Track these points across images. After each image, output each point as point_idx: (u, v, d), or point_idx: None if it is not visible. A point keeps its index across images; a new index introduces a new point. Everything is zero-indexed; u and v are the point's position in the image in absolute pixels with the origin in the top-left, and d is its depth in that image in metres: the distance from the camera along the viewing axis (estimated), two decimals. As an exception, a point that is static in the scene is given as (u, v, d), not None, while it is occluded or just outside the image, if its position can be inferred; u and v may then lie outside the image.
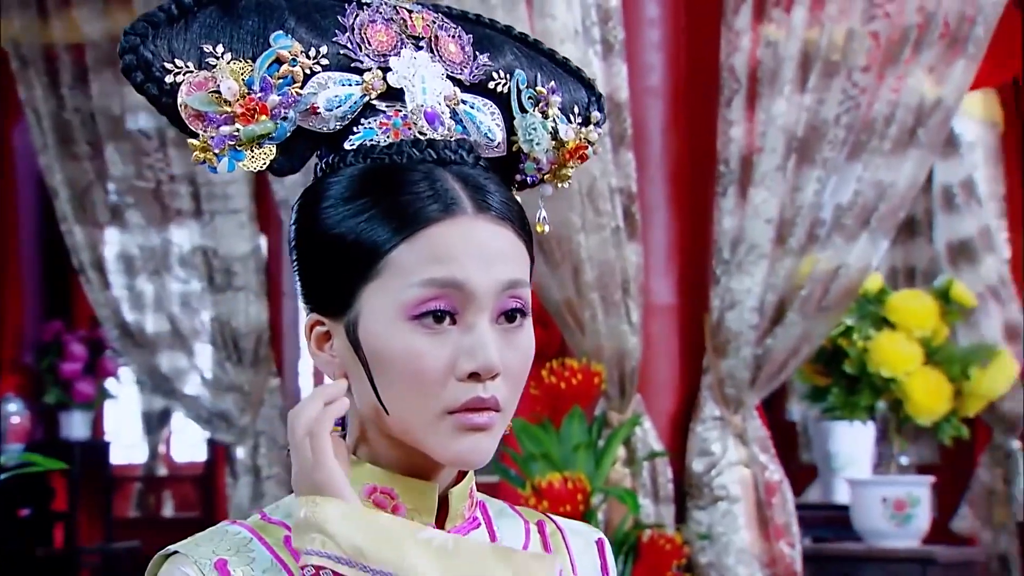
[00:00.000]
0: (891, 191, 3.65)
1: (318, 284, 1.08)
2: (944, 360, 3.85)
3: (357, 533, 0.98)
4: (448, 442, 1.04)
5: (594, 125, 1.18)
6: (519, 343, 1.06)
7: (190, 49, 1.05)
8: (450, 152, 1.07)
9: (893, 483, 3.97)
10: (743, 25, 3.70)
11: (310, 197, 1.09)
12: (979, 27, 3.68)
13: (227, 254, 4.72)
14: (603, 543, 1.19)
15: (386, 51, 1.09)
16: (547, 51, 1.20)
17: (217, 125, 1.04)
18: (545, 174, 1.16)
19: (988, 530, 5.46)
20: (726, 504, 3.64)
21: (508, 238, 1.05)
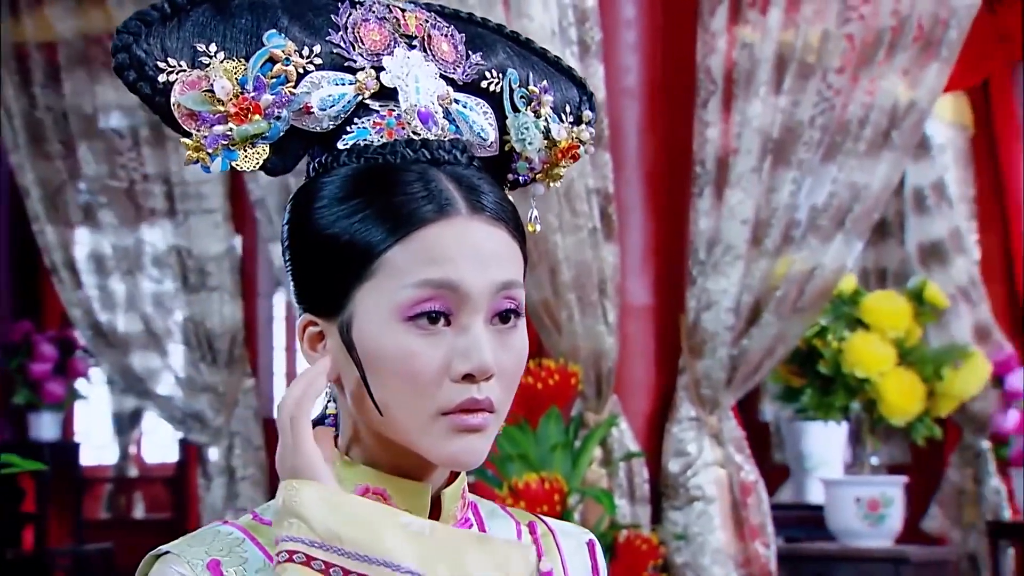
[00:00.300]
0: (865, 193, 3.68)
1: (311, 284, 1.07)
2: (917, 361, 3.88)
3: (332, 516, 0.98)
4: (442, 443, 1.03)
5: (586, 124, 1.17)
6: (513, 344, 1.05)
7: (183, 48, 1.04)
8: (444, 152, 1.07)
9: (867, 483, 3.99)
10: (719, 27, 3.71)
11: (303, 197, 1.08)
12: (952, 30, 3.71)
13: (201, 254, 4.70)
14: (594, 544, 1.18)
15: (379, 50, 1.08)
16: (539, 50, 1.19)
17: (210, 124, 1.03)
18: (537, 173, 1.16)
19: (958, 530, 5.51)
20: (702, 504, 3.65)
21: (502, 239, 1.05)
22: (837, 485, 4.12)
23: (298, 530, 0.97)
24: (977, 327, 5.33)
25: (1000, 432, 5.36)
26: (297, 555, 0.97)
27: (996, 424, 5.34)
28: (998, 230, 5.75)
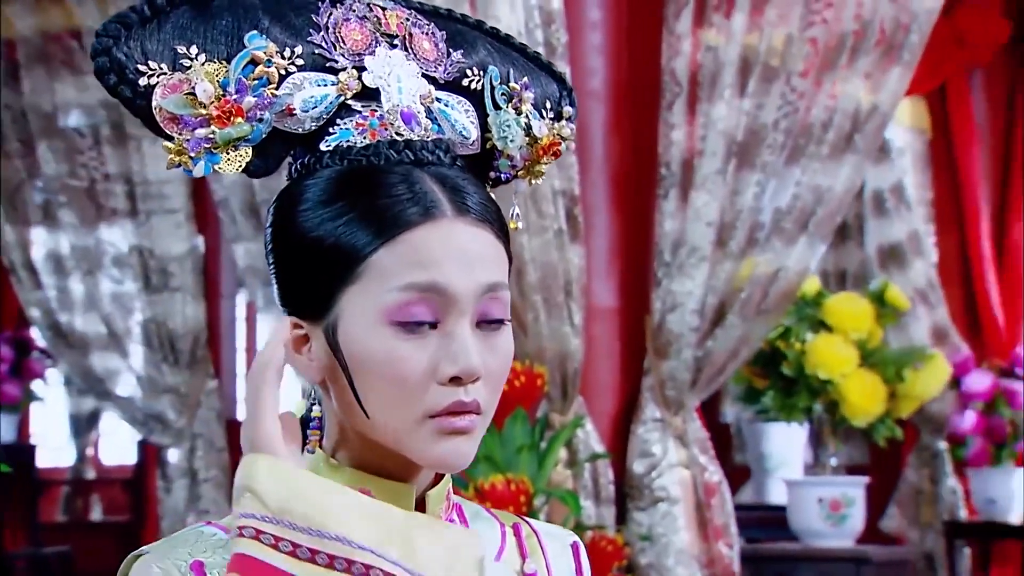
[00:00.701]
0: (828, 195, 3.71)
1: (296, 287, 1.07)
2: (879, 362, 3.92)
3: (284, 491, 0.96)
4: (429, 446, 1.03)
5: (566, 120, 1.17)
6: (499, 346, 1.05)
7: (163, 50, 1.03)
8: (427, 153, 1.07)
9: (829, 484, 4.03)
10: (684, 29, 3.73)
11: (286, 200, 1.07)
12: (914, 35, 3.75)
13: (163, 254, 4.66)
14: (578, 546, 1.19)
15: (361, 50, 1.07)
16: (518, 46, 1.19)
17: (192, 128, 1.02)
18: (519, 171, 1.15)
19: (915, 529, 5.56)
20: (666, 505, 3.66)
21: (487, 240, 1.05)
22: (799, 486, 4.15)
23: (251, 504, 0.96)
24: (935, 329, 5.39)
25: (957, 433, 5.41)
26: (247, 529, 0.96)
27: (953, 425, 5.39)
28: (955, 233, 5.81)
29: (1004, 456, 5.43)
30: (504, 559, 1.13)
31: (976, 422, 5.38)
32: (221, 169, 1.04)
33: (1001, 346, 5.69)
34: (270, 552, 0.95)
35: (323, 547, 0.95)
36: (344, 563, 0.94)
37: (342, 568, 0.94)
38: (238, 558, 0.95)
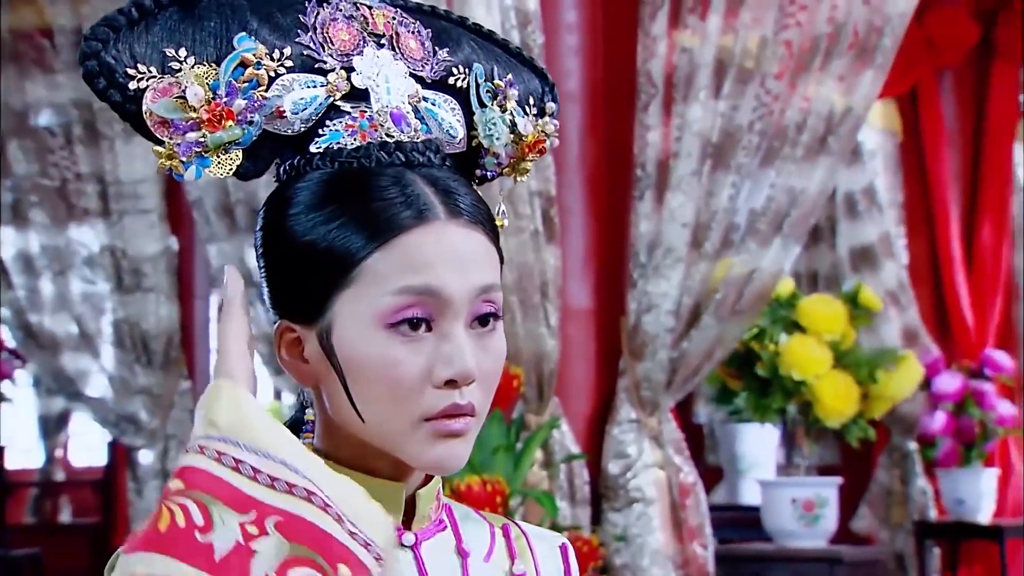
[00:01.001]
0: (803, 197, 3.73)
1: (288, 291, 1.06)
2: (852, 363, 3.94)
3: (235, 413, 0.96)
4: (424, 449, 1.03)
5: (549, 116, 1.17)
6: (492, 347, 1.05)
7: (152, 53, 1.02)
8: (418, 154, 1.06)
9: (802, 484, 4.05)
10: (659, 31, 3.75)
11: (277, 203, 1.07)
12: (887, 38, 3.77)
13: (136, 254, 4.63)
14: (567, 548, 1.19)
15: (349, 50, 1.07)
16: (501, 42, 1.19)
17: (183, 132, 1.01)
18: (504, 168, 1.16)
19: (886, 530, 5.60)
20: (641, 506, 3.67)
21: (480, 242, 1.05)
22: (773, 486, 4.17)
23: (205, 429, 0.96)
24: (905, 330, 5.42)
25: (927, 434, 5.45)
26: (193, 446, 0.95)
27: (923, 426, 5.43)
28: (925, 235, 5.85)
29: (973, 456, 5.47)
30: (493, 560, 1.13)
31: (946, 423, 5.42)
32: (212, 173, 1.03)
33: (970, 347, 5.73)
34: (213, 464, 0.94)
35: (266, 468, 0.94)
36: (286, 485, 0.94)
37: (283, 489, 0.94)
38: (181, 469, 0.94)
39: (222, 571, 0.90)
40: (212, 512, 0.92)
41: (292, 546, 0.91)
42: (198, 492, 0.92)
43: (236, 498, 0.92)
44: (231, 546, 0.91)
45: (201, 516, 0.91)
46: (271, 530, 0.92)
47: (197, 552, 0.90)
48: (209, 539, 0.91)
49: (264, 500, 0.93)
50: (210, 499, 0.92)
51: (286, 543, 0.91)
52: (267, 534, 0.91)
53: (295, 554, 0.91)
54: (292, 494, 0.94)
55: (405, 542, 1.08)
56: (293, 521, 0.92)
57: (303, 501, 0.93)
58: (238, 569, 0.90)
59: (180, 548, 0.91)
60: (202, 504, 0.92)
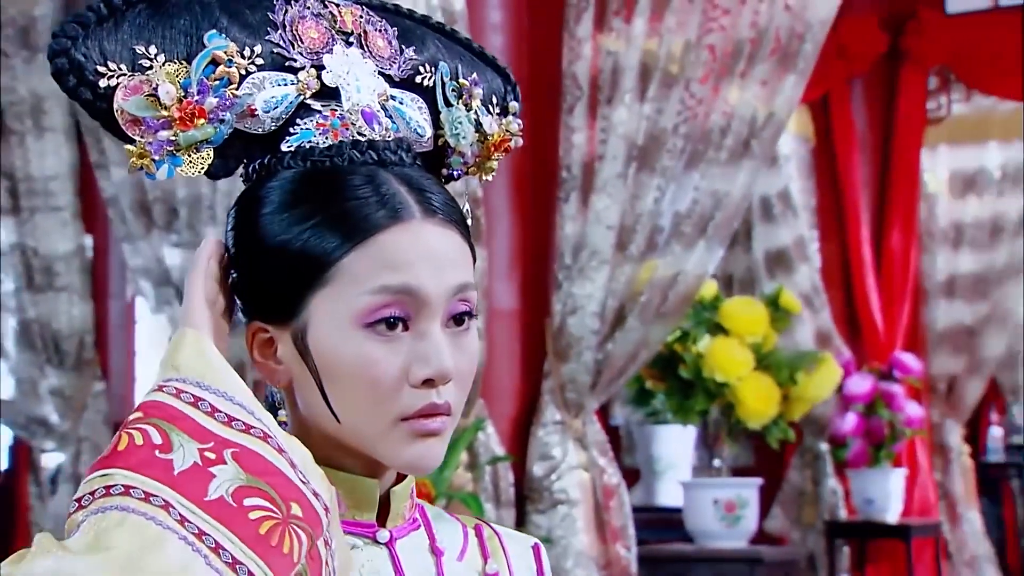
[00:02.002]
0: (727, 200, 3.76)
1: (261, 291, 1.05)
2: (773, 365, 3.99)
3: (198, 358, 0.98)
4: (401, 448, 1.03)
5: (512, 115, 1.18)
6: (467, 346, 1.05)
7: (122, 51, 1.01)
8: (390, 153, 1.06)
9: (724, 485, 4.08)
10: (584, 34, 3.75)
11: (247, 203, 1.06)
12: (808, 44, 3.82)
13: (48, 253, 4.53)
14: (539, 549, 1.19)
15: (318, 48, 1.07)
16: (464, 41, 1.19)
17: (155, 130, 1.01)
18: (470, 167, 1.16)
19: (797, 529, 5.68)
20: (565, 508, 3.67)
21: (455, 241, 1.05)
22: (695, 487, 4.21)
23: (166, 372, 0.98)
24: (818, 333, 5.50)
25: (838, 435, 5.54)
26: (152, 388, 0.97)
27: (835, 427, 5.52)
28: (837, 239, 5.95)
29: (882, 457, 5.57)
30: (466, 559, 1.13)
31: (856, 424, 5.51)
32: (183, 172, 1.03)
33: (880, 350, 5.84)
34: (171, 398, 0.95)
35: (224, 407, 0.96)
36: (243, 425, 0.95)
37: (240, 428, 0.95)
38: (140, 404, 0.96)
39: (180, 485, 0.91)
40: (171, 436, 0.93)
41: (248, 476, 0.92)
42: (157, 419, 0.94)
43: (194, 429, 0.94)
44: (190, 465, 0.92)
45: (160, 437, 0.93)
46: (228, 459, 0.93)
47: (156, 466, 0.91)
48: (168, 456, 0.92)
49: (221, 434, 0.94)
50: (169, 426, 0.93)
51: (243, 472, 0.92)
52: (225, 463, 0.92)
53: (251, 484, 0.92)
54: (249, 434, 0.95)
55: (380, 539, 1.07)
56: (249, 455, 0.94)
57: (259, 440, 0.95)
58: (196, 485, 0.91)
59: (138, 463, 0.91)
60: (161, 429, 0.93)
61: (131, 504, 0.90)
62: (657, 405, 4.61)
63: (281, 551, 0.91)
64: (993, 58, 6.17)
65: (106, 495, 0.90)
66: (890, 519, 5.56)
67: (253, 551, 0.90)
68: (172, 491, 0.90)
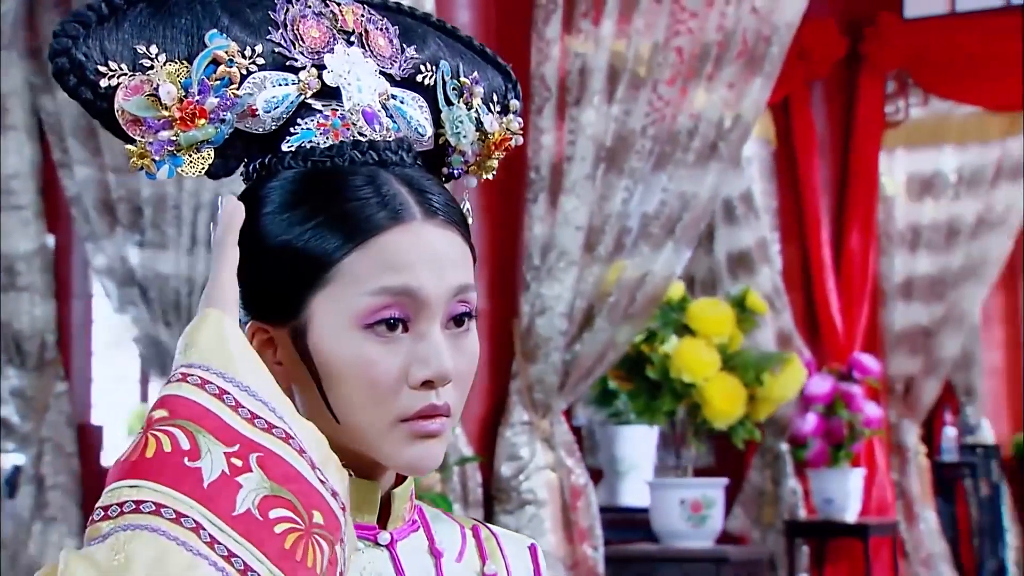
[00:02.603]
0: (694, 202, 3.78)
1: (261, 292, 1.04)
2: (739, 366, 4.01)
3: (219, 347, 0.95)
4: (400, 450, 1.03)
5: (513, 114, 1.18)
6: (467, 348, 1.05)
7: (123, 50, 1.01)
8: (391, 153, 1.06)
9: (690, 486, 4.11)
10: (553, 35, 3.76)
11: (248, 203, 1.05)
12: (774, 46, 3.85)
13: (10, 252, 4.47)
14: (536, 549, 1.19)
15: (320, 48, 1.06)
16: (465, 39, 1.19)
17: (155, 131, 1.00)
18: (470, 166, 1.16)
19: (757, 529, 5.72)
20: (533, 508, 3.68)
21: (456, 242, 1.05)
22: (662, 487, 4.23)
23: (187, 355, 0.95)
24: (780, 334, 5.54)
25: (798, 435, 5.58)
26: (174, 375, 0.95)
27: (795, 427, 5.56)
28: (797, 241, 6.00)
29: (841, 457, 5.62)
30: (465, 560, 1.13)
31: (816, 424, 5.56)
32: (184, 172, 1.02)
33: (839, 351, 5.89)
34: (196, 391, 0.93)
35: (247, 403, 0.94)
36: (265, 423, 0.94)
37: (262, 427, 0.93)
38: (165, 398, 0.93)
39: (209, 498, 0.90)
40: (199, 440, 0.91)
41: (272, 485, 0.91)
42: (184, 420, 0.92)
43: (220, 428, 0.92)
44: (218, 475, 0.90)
45: (188, 442, 0.91)
46: (254, 466, 0.91)
47: (185, 477, 0.90)
48: (197, 465, 0.90)
49: (246, 434, 0.92)
50: (196, 428, 0.91)
51: (267, 480, 0.91)
52: (251, 470, 0.91)
53: (275, 493, 0.91)
54: (271, 434, 0.93)
55: (381, 541, 1.07)
56: (273, 459, 0.92)
57: (281, 442, 0.93)
58: (225, 498, 0.90)
59: (169, 474, 0.90)
60: (189, 432, 0.91)
61: (162, 526, 0.88)
62: (620, 406, 4.62)
63: (305, 565, 0.90)
64: (950, 63, 6.25)
65: (136, 511, 0.89)
66: (849, 519, 5.61)
67: (279, 568, 0.89)
68: (202, 507, 0.89)
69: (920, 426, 6.53)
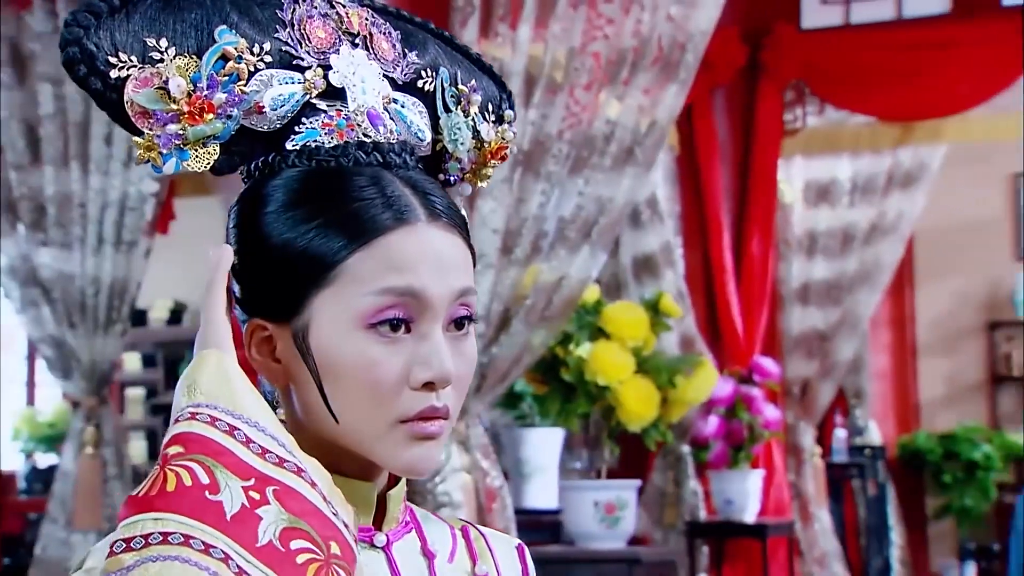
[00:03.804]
0: (610, 206, 3.81)
1: (263, 290, 1.04)
2: (653, 369, 4.06)
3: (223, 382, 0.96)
4: (399, 451, 1.03)
5: (508, 123, 1.19)
6: (466, 351, 1.06)
7: (133, 42, 1.01)
8: (395, 155, 1.06)
9: (604, 487, 4.14)
10: (470, 39, 3.76)
11: (251, 201, 1.05)
12: (689, 54, 3.91)
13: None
14: (523, 549, 1.20)
15: (326, 48, 1.07)
16: (462, 47, 1.21)
17: (163, 123, 1.00)
18: (466, 173, 1.17)
19: (659, 530, 5.78)
20: (448, 510, 3.67)
21: (458, 245, 1.05)
22: (575, 489, 4.25)
23: (192, 396, 0.95)
24: (683, 338, 5.61)
25: (700, 437, 5.65)
26: (182, 415, 0.95)
27: (697, 430, 5.63)
28: (699, 246, 6.08)
29: (741, 459, 5.71)
30: (456, 561, 1.13)
31: (718, 427, 5.64)
32: (189, 166, 1.02)
33: (740, 354, 5.99)
34: (208, 428, 0.94)
35: (257, 438, 0.94)
36: (276, 458, 0.94)
37: (274, 462, 0.94)
38: (177, 435, 0.93)
39: (233, 531, 0.90)
40: (217, 475, 0.92)
41: (290, 517, 0.92)
42: (200, 455, 0.92)
43: (235, 463, 0.92)
44: (239, 508, 0.91)
45: (207, 477, 0.91)
46: (271, 498, 0.92)
47: (208, 509, 0.90)
48: (218, 498, 0.91)
49: (260, 469, 0.93)
50: (213, 463, 0.92)
51: (284, 512, 0.92)
52: (268, 503, 0.92)
53: (293, 524, 0.91)
54: (283, 468, 0.94)
55: (377, 543, 1.07)
56: (289, 493, 0.93)
57: (294, 475, 0.93)
58: (248, 530, 0.90)
59: (192, 506, 0.90)
60: (206, 466, 0.92)
61: (193, 557, 0.88)
62: (525, 408, 4.64)
63: None
64: (844, 73, 6.39)
65: (164, 542, 0.89)
66: (748, 519, 5.70)
67: None
68: (228, 539, 0.89)
69: (815, 428, 6.67)
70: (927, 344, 8.83)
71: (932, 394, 8.82)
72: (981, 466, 8.35)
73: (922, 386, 8.84)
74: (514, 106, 1.21)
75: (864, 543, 8.06)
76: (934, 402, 8.81)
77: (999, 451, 8.39)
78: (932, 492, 8.59)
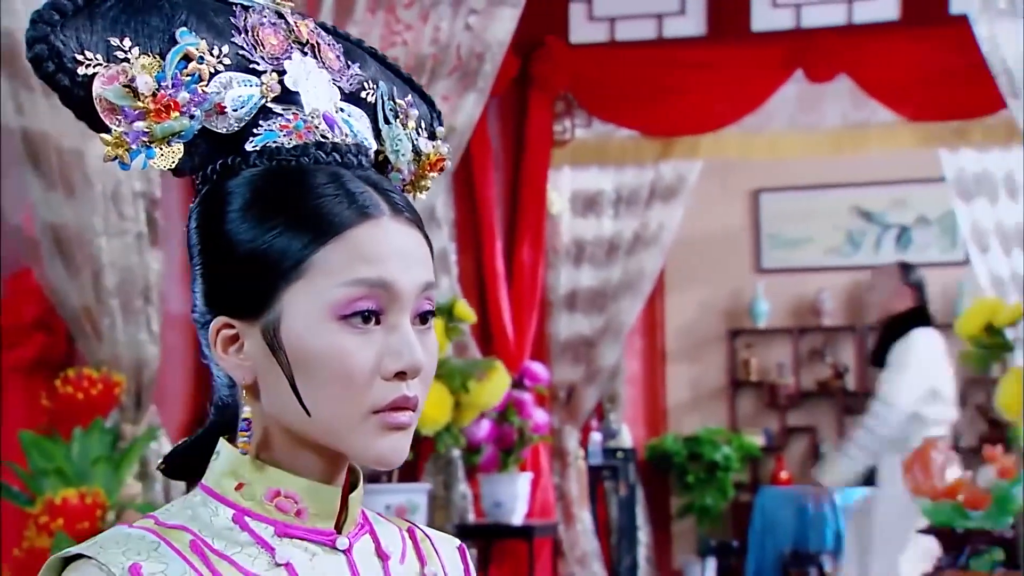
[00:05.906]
0: (410, 212, 3.83)
1: (229, 288, 1.05)
2: (447, 373, 4.09)
3: None
4: (371, 442, 1.04)
5: (440, 140, 1.22)
6: (430, 344, 1.08)
7: (97, 42, 1.02)
8: (352, 156, 1.09)
9: (396, 491, 4.15)
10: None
11: (212, 201, 1.06)
12: (487, 64, 3.98)
13: None
14: (464, 550, 1.22)
15: (279, 54, 1.09)
16: (394, 67, 1.24)
17: (131, 120, 1.02)
18: (407, 184, 1.19)
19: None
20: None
21: (419, 240, 1.08)
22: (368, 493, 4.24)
23: None
24: (456, 342, 5.67)
25: (472, 441, 5.73)
26: None
27: (470, 434, 5.71)
28: (473, 252, 6.16)
29: (511, 462, 5.82)
30: (407, 562, 1.15)
31: (490, 430, 5.73)
32: (155, 164, 1.03)
33: (511, 358, 6.10)
34: None
35: None
36: None
37: None
38: None
39: None
40: None
41: None
42: None
43: None
44: None
45: None
46: None
47: None
48: None
49: None
50: None
51: None
52: None
53: None
54: None
55: (339, 546, 1.09)
56: None
57: None
58: None
59: None
60: None
61: None
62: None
63: None
64: (610, 88, 6.60)
65: None
66: (515, 521, 5.82)
67: None
68: None
69: (579, 431, 6.86)
70: (674, 351, 9.20)
71: (679, 398, 9.21)
72: (721, 467, 8.75)
73: (669, 391, 9.21)
74: (443, 123, 1.25)
75: (615, 542, 8.33)
76: (680, 406, 9.20)
77: (737, 452, 8.81)
78: (677, 492, 8.95)
